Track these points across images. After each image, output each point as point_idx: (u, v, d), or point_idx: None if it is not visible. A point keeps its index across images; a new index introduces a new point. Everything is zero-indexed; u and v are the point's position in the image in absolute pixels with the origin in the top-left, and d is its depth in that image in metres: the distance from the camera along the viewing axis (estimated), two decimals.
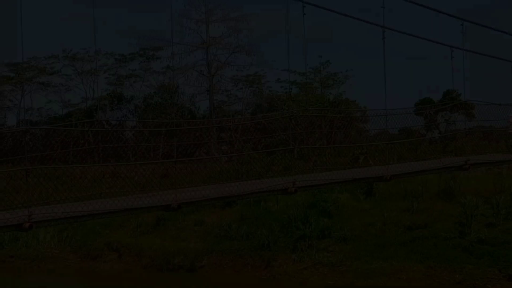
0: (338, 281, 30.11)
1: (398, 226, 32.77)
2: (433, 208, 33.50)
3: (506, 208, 31.47)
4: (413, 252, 30.23)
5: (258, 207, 37.05)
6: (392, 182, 29.79)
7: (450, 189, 34.94)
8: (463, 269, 28.43)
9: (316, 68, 49.72)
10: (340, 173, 15.32)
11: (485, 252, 28.95)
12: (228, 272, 33.24)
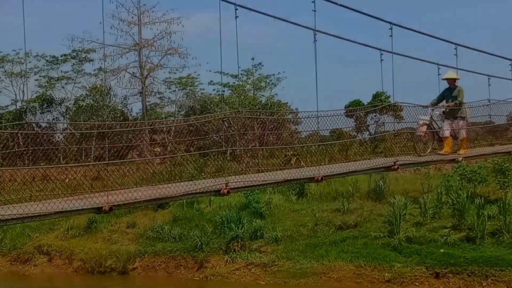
0: (270, 281, 30.45)
1: (329, 226, 33.29)
2: (364, 208, 34.17)
3: (433, 208, 32.33)
4: (343, 252, 30.77)
5: (191, 209, 37.15)
6: (324, 183, 30.40)
7: (380, 189, 35.69)
8: (392, 267, 29.11)
9: (249, 71, 50.00)
10: (273, 174, 15.52)
11: (413, 250, 29.70)
12: (160, 274, 33.24)
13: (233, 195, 33.09)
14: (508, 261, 27.69)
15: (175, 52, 49.01)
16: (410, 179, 38.00)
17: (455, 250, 29.12)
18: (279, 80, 50.49)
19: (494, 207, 30.73)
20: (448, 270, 28.29)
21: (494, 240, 29.31)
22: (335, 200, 35.74)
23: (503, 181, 33.68)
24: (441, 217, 32.15)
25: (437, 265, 28.59)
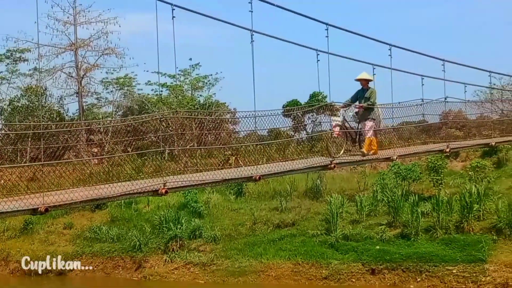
0: (209, 280, 30.56)
1: (267, 225, 33.60)
2: (301, 207, 34.57)
3: (369, 205, 33.01)
4: (282, 250, 31.11)
5: (129, 209, 36.98)
6: (262, 182, 30.64)
7: (317, 188, 36.22)
8: (329, 264, 29.59)
9: (186, 71, 49.90)
10: (211, 174, 15.61)
11: (350, 247, 30.26)
12: (98, 275, 32.97)
13: (171, 195, 33.15)
14: (442, 256, 28.47)
15: (112, 52, 48.56)
16: (346, 177, 38.66)
17: (391, 247, 29.78)
18: (217, 80, 50.51)
19: (428, 204, 31.52)
20: (383, 266, 28.92)
21: (428, 236, 30.06)
22: (273, 199, 36.10)
23: (436, 179, 34.58)
24: (376, 214, 32.83)
25: (373, 261, 29.19)
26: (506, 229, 28.97)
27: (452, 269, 27.92)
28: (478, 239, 28.87)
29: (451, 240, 29.39)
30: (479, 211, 30.38)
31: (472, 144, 24.38)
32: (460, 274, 27.66)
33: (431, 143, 23.14)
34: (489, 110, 27.32)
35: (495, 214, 29.86)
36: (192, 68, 49.84)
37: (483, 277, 27.22)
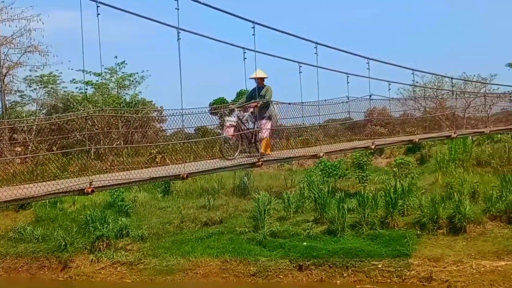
0: (136, 279, 30.30)
1: (195, 222, 33.53)
2: (229, 204, 34.67)
3: (296, 202, 33.32)
4: (210, 248, 31.09)
5: (54, 209, 36.27)
6: (189, 180, 30.56)
7: (245, 185, 36.36)
8: (257, 261, 29.74)
9: (112, 69, 49.22)
10: (138, 172, 15.45)
11: (277, 244, 30.47)
12: (23, 276, 32.26)
13: (98, 194, 32.64)
14: (367, 252, 29.00)
15: (35, 49, 47.35)
16: (274, 175, 38.96)
17: (317, 243, 30.14)
18: (143, 78, 49.98)
19: (354, 201, 32.04)
20: (310, 262, 29.26)
21: (354, 232, 30.57)
22: (200, 197, 36.04)
23: (362, 176, 35.22)
24: (303, 211, 33.16)
25: (300, 257, 29.49)
26: (430, 224, 29.73)
27: (377, 264, 28.48)
28: (403, 234, 29.53)
29: (376, 235, 29.96)
30: (403, 207, 31.07)
31: (396, 141, 24.87)
32: (386, 269, 28.23)
33: (357, 140, 23.48)
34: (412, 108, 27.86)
35: (419, 210, 30.60)
36: (118, 66, 49.20)
37: (407, 272, 27.86)
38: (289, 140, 21.47)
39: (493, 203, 30.00)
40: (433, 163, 37.13)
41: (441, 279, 26.98)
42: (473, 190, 31.45)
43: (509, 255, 27.47)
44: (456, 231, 29.39)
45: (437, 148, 38.73)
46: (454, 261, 27.58)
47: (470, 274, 26.82)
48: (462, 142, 37.06)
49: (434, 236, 29.45)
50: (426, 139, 28.78)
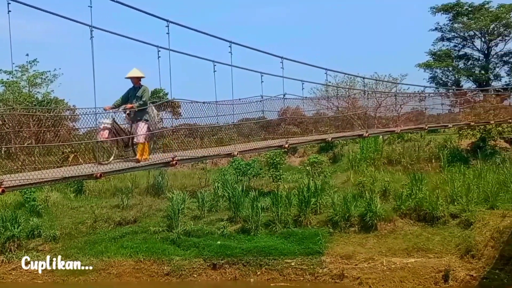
0: (48, 280, 29.63)
1: (108, 222, 33.09)
2: (143, 204, 34.39)
3: (210, 201, 33.35)
4: (123, 247, 30.75)
5: None
6: (103, 180, 30.04)
7: (159, 184, 36.10)
8: (171, 260, 29.61)
9: (23, 67, 47.87)
10: (50, 172, 15.07)
11: (192, 243, 30.44)
12: None
13: (8, 194, 31.73)
14: (281, 250, 29.30)
15: None
16: (188, 174, 38.86)
17: (231, 242, 30.26)
18: (55, 76, 48.83)
19: (268, 199, 32.32)
20: (224, 261, 29.33)
21: (268, 230, 30.84)
22: (114, 196, 35.57)
23: (275, 174, 35.54)
24: (218, 210, 33.23)
25: (214, 256, 29.53)
26: (342, 222, 30.30)
27: (290, 262, 28.81)
28: (315, 232, 30.00)
29: (289, 233, 30.32)
30: (316, 205, 31.57)
31: (309, 140, 25.11)
32: (299, 266, 28.59)
33: (271, 139, 23.61)
34: (325, 107, 28.21)
35: (331, 208, 31.12)
36: (29, 64, 47.90)
37: (320, 269, 28.32)
38: (204, 139, 21.40)
39: (403, 201, 30.85)
40: (346, 162, 37.88)
41: (353, 276, 27.53)
42: (384, 189, 32.26)
43: (418, 252, 28.31)
44: (368, 229, 30.08)
45: (349, 147, 39.53)
46: (365, 258, 28.20)
47: (381, 271, 27.48)
48: (374, 141, 37.95)
49: (346, 234, 30.05)
50: (338, 138, 29.18)
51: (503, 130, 38.35)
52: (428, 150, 37.84)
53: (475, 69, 53.21)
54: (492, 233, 28.29)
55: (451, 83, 52.39)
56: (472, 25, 51.15)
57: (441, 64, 52.73)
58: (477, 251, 27.59)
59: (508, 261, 26.90)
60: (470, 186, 31.42)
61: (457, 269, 27.00)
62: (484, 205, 30.30)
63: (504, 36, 52.42)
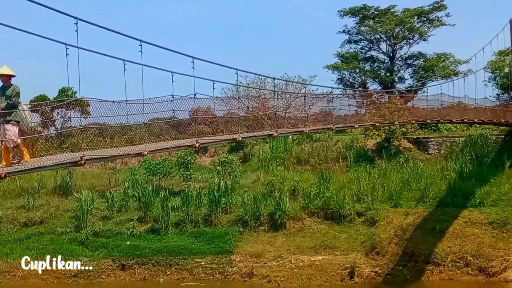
0: None
1: (13, 223, 32.22)
2: (50, 204, 33.65)
3: (120, 201, 32.99)
4: (29, 249, 30.01)
5: None
6: (8, 180, 29.25)
7: (67, 184, 35.40)
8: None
9: None
10: None
11: (100, 244, 30.04)
12: None
13: None
14: (191, 249, 29.31)
15: None
16: (97, 174, 38.28)
17: (141, 242, 30.05)
18: None
19: (178, 199, 32.27)
20: (134, 261, 29.10)
21: (178, 230, 30.79)
22: (20, 196, 34.63)
23: (186, 174, 35.50)
24: (127, 210, 32.91)
25: (123, 257, 29.24)
26: (251, 221, 30.60)
27: (200, 261, 28.87)
28: (226, 231, 30.18)
29: (200, 233, 30.38)
30: (226, 205, 31.76)
31: (220, 139, 25.18)
32: (208, 266, 28.68)
33: (181, 139, 23.56)
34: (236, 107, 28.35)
35: (241, 207, 31.39)
36: None
37: (229, 268, 28.48)
38: (113, 139, 21.15)
39: (311, 200, 31.42)
40: (256, 162, 38.20)
41: (262, 274, 27.83)
42: (293, 188, 32.77)
43: (325, 249, 28.90)
44: (277, 227, 30.49)
45: (260, 147, 39.89)
46: (274, 257, 28.56)
47: (289, 268, 27.89)
48: (283, 141, 38.45)
49: (256, 233, 30.36)
50: (249, 138, 29.42)
51: (407, 130, 39.64)
52: (336, 150, 38.60)
53: (381, 71, 54.63)
54: (395, 230, 29.24)
55: (358, 85, 53.62)
56: (378, 29, 52.49)
57: (348, 66, 53.89)
58: (381, 248, 28.44)
59: (411, 258, 27.88)
60: (375, 185, 32.36)
61: (362, 266, 27.73)
62: (388, 204, 31.31)
63: (408, 40, 54.08)
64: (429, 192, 31.77)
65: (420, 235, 28.75)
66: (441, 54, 54.27)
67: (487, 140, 37.66)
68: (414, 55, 54.79)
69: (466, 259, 27.26)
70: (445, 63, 53.69)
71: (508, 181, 32.16)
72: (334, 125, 26.99)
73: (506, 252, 27.16)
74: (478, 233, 28.36)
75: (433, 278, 27.02)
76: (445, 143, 38.78)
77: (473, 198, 30.69)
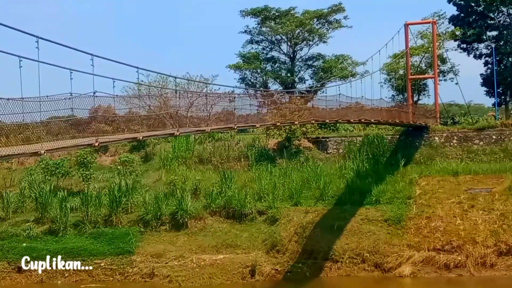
0: None
1: None
2: None
3: (16, 202, 32.09)
4: None
5: None
6: None
7: None
8: None
9: None
10: None
11: None
12: None
13: None
14: (90, 250, 28.83)
15: None
16: None
17: (38, 243, 29.30)
18: None
19: (77, 199, 31.68)
20: (30, 263, 28.29)
21: (77, 231, 30.23)
22: None
23: (86, 174, 34.83)
24: (24, 211, 32.07)
25: (19, 259, 28.39)
26: (153, 221, 30.42)
27: (100, 263, 28.45)
28: (126, 231, 29.85)
29: (99, 233, 29.94)
30: (127, 204, 31.44)
31: (120, 138, 24.87)
32: (108, 267, 28.30)
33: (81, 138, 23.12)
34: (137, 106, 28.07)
35: (143, 207, 31.14)
36: None
37: (130, 269, 28.19)
38: (9, 137, 20.54)
39: (213, 199, 31.54)
40: (157, 161, 37.95)
41: (163, 274, 27.68)
42: (195, 187, 32.81)
43: (227, 248, 29.06)
44: (179, 227, 30.45)
45: (162, 146, 39.63)
46: (176, 256, 28.49)
47: (191, 268, 27.88)
48: (185, 141, 38.35)
49: (157, 233, 30.21)
50: (150, 137, 29.23)
51: (307, 130, 40.34)
52: (238, 150, 38.84)
53: (282, 71, 55.37)
54: (296, 228, 29.71)
55: (259, 85, 54.11)
56: (279, 30, 53.13)
57: (250, 66, 54.29)
58: (282, 246, 28.84)
59: (310, 255, 28.40)
60: (276, 184, 32.81)
61: (263, 264, 28.02)
62: (289, 202, 31.81)
63: (308, 41, 55.02)
64: (328, 190, 32.48)
65: (319, 233, 29.33)
66: (340, 55, 55.59)
67: (383, 139, 38.79)
68: (314, 56, 55.83)
69: (363, 255, 28.01)
70: (343, 65, 54.98)
71: (403, 179, 33.32)
72: (235, 124, 27.13)
73: (400, 248, 28.07)
74: (374, 230, 29.18)
75: (331, 274, 27.61)
76: (343, 143, 39.68)
77: (370, 196, 31.61)
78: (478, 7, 49.41)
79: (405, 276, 27.04)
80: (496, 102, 50.21)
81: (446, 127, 41.71)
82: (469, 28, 49.40)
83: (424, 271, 27.24)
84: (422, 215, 29.88)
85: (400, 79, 51.08)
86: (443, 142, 38.54)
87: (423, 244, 28.09)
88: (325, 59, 55.45)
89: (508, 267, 26.88)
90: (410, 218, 29.74)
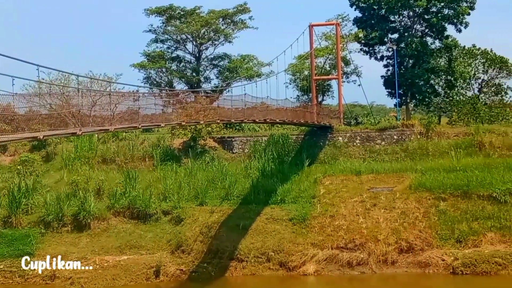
0: None
1: None
2: None
3: None
4: None
5: None
6: None
7: None
8: None
9: None
10: None
11: None
12: None
13: None
14: None
15: None
16: None
17: None
18: None
19: None
20: None
21: None
22: None
23: None
24: None
25: None
26: (54, 222, 29.83)
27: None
28: (26, 233, 29.16)
29: None
30: (27, 205, 30.67)
31: (20, 137, 24.26)
32: (8, 269, 27.60)
33: None
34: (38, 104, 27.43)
35: (44, 208, 30.46)
36: None
37: (30, 271, 27.49)
38: None
39: (117, 199, 31.21)
40: (59, 161, 37.17)
41: (65, 276, 27.19)
42: (98, 187, 32.35)
43: (131, 249, 28.83)
44: (81, 228, 29.98)
45: (64, 146, 38.81)
46: (78, 258, 28.01)
47: (94, 269, 27.49)
48: (88, 140, 37.72)
49: (59, 234, 29.68)
50: (51, 136, 28.62)
51: (212, 130, 40.41)
52: (142, 149, 38.52)
53: (187, 71, 55.21)
54: (201, 228, 29.77)
55: (164, 84, 53.75)
56: (184, 29, 52.90)
57: (155, 65, 53.83)
58: (187, 246, 28.83)
59: (215, 255, 28.52)
60: (182, 184, 32.76)
61: (168, 264, 27.94)
62: (194, 202, 31.83)
63: (213, 41, 55.05)
64: (234, 190, 32.69)
65: (224, 233, 29.49)
66: (245, 55, 55.95)
67: (288, 139, 39.34)
68: (219, 56, 55.95)
69: (267, 254, 28.34)
70: (249, 65, 55.33)
71: (307, 179, 33.88)
72: (140, 124, 26.89)
73: (304, 247, 28.56)
74: (279, 229, 29.56)
75: (236, 274, 27.81)
76: (249, 143, 39.98)
77: (275, 196, 32.00)
78: (380, 10, 50.54)
79: (309, 275, 27.54)
80: (397, 103, 51.60)
81: (350, 127, 42.75)
82: (372, 31, 50.52)
83: (327, 269, 27.82)
84: (326, 214, 30.49)
85: (305, 80, 51.90)
86: (346, 142, 39.44)
87: (326, 243, 28.69)
88: (230, 59, 55.66)
89: (408, 264, 27.79)
90: (314, 217, 30.27)
